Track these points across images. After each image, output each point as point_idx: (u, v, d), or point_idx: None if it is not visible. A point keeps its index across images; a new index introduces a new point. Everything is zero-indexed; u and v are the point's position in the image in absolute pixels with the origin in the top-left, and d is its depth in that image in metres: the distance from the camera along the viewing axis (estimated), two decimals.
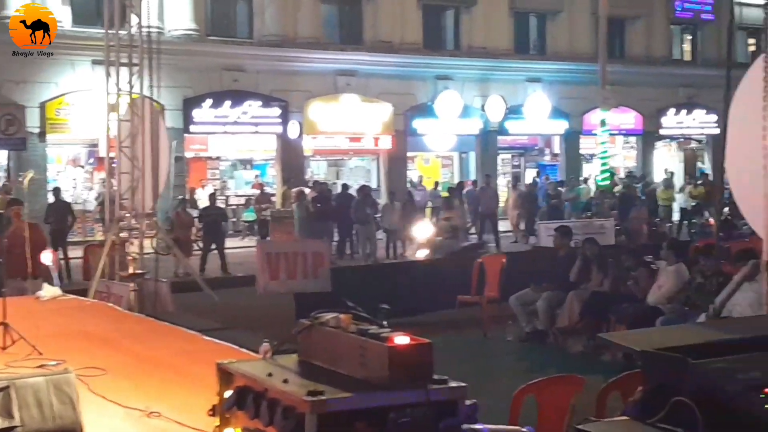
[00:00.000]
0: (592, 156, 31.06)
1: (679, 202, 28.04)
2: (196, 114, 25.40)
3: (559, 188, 27.57)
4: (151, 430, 4.87)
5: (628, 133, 34.14)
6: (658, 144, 35.10)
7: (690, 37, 35.83)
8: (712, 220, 20.80)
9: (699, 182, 28.46)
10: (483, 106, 30.18)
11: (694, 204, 27.05)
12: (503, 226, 25.80)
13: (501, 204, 27.20)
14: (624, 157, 35.08)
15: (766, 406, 3.46)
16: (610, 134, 27.48)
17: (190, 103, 25.21)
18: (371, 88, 28.13)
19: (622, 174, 32.53)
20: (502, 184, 31.73)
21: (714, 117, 32.12)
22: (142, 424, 4.97)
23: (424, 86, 29.25)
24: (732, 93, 7.28)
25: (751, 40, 33.24)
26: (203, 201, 23.00)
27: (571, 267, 12.28)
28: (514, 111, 30.61)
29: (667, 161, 35.18)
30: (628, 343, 3.90)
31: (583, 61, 29.81)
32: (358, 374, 3.05)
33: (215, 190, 25.62)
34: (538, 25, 32.43)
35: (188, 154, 26.37)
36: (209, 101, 25.48)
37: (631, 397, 4.10)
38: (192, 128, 25.59)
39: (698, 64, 33.96)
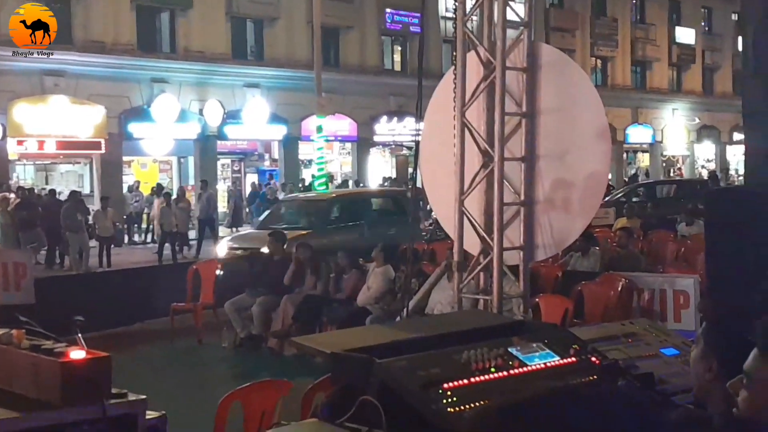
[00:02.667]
0: (310, 161, 31.69)
1: None
2: None
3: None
4: None
5: (343, 140, 35.16)
6: (373, 150, 36.46)
7: (400, 48, 37.55)
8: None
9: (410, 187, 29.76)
10: (201, 111, 29.88)
11: None
12: (223, 231, 25.68)
13: (222, 209, 26.92)
14: (341, 163, 36.12)
15: (443, 401, 3.67)
16: (327, 140, 28.19)
17: None
18: (82, 89, 26.94)
19: (339, 179, 33.44)
20: (223, 189, 31.61)
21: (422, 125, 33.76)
22: None
23: (139, 89, 28.45)
24: (427, 102, 7.71)
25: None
26: None
27: (285, 271, 12.44)
28: (232, 116, 30.57)
29: (381, 167, 36.65)
30: (318, 345, 3.98)
31: (300, 68, 30.33)
32: (31, 393, 2.91)
33: None
34: (255, 30, 32.56)
35: None
36: None
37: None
38: None
39: (407, 74, 35.53)
